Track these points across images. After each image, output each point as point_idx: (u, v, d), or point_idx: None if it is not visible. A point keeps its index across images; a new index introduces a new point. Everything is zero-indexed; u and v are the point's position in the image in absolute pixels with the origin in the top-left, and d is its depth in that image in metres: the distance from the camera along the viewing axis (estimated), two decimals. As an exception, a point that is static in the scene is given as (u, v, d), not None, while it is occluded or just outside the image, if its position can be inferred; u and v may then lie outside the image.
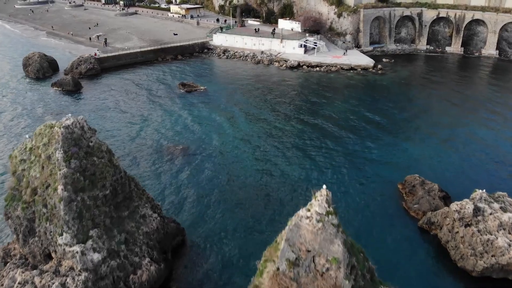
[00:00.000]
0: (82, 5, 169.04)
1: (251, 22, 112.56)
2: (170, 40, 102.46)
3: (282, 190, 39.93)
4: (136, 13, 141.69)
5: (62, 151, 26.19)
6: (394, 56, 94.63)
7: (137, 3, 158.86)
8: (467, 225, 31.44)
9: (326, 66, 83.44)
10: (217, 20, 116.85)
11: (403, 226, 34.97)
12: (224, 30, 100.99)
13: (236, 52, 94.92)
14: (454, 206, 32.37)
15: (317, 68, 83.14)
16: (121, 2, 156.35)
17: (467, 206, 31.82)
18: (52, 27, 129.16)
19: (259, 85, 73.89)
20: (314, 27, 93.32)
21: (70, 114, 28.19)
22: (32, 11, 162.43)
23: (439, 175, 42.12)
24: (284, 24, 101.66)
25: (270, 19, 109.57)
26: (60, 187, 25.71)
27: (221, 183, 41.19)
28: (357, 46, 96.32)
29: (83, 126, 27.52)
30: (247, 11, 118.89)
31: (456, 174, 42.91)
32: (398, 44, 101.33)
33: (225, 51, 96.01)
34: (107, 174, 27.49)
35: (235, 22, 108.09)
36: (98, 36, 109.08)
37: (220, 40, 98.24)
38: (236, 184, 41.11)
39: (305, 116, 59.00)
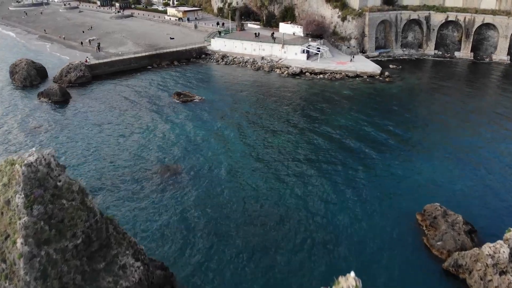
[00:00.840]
0: (77, 7, 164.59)
1: (251, 25, 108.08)
2: (166, 45, 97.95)
3: (285, 223, 35.40)
4: (132, 16, 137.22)
5: (22, 195, 21.66)
6: (401, 61, 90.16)
7: (133, 5, 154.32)
8: (502, 273, 26.97)
9: (330, 73, 78.94)
10: (217, 24, 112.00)
11: (426, 268, 30.45)
12: (222, 34, 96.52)
13: (235, 57, 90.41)
14: (487, 249, 27.88)
15: (321, 76, 78.63)
16: (117, 4, 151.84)
17: (502, 250, 27.38)
18: (44, 30, 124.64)
19: (259, 95, 69.38)
20: (317, 31, 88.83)
21: (34, 148, 23.64)
22: (26, 14, 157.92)
23: (462, 203, 37.63)
24: (285, 28, 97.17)
25: (271, 22, 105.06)
26: (19, 241, 21.20)
27: (219, 214, 36.69)
28: (362, 51, 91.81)
29: (50, 162, 22.97)
30: (247, 14, 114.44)
31: (480, 202, 38.39)
32: (405, 49, 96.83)
33: (223, 56, 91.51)
34: (79, 219, 22.96)
35: (235, 26, 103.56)
36: (90, 41, 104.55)
37: (218, 45, 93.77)
38: (236, 215, 36.61)
39: (308, 132, 54.44)
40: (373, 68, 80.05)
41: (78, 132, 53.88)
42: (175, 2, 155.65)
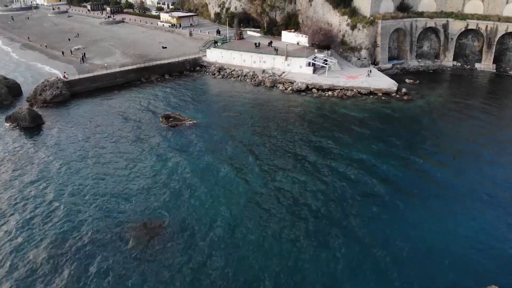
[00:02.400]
0: (66, 12, 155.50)
1: (251, 33, 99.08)
2: (157, 56, 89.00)
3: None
4: (123, 22, 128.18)
5: None
6: (417, 74, 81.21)
7: (125, 10, 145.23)
8: None
9: (340, 89, 69.96)
10: (218, 32, 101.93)
11: None
12: (219, 44, 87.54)
13: (233, 70, 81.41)
14: None
15: (330, 93, 69.62)
16: (108, 9, 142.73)
17: None
18: (28, 37, 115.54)
19: (260, 117, 60.37)
20: (325, 41, 79.85)
21: None
22: (13, 18, 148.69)
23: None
24: (288, 37, 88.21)
25: (272, 30, 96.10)
26: None
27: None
28: (374, 63, 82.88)
29: None
30: (246, 21, 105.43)
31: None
32: (420, 60, 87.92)
33: (220, 69, 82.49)
34: None
35: (234, 34, 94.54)
36: (72, 50, 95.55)
37: (214, 56, 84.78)
38: None
39: (319, 170, 45.44)
40: (389, 84, 71.09)
41: (41, 173, 44.83)
42: (170, 6, 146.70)
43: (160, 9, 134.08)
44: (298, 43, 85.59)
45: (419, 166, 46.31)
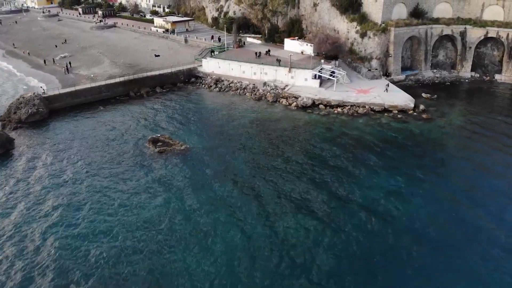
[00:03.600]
0: (57, 15, 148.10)
1: (251, 40, 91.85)
2: (149, 65, 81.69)
3: None
4: (115, 26, 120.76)
5: None
6: (433, 87, 73.92)
7: (118, 13, 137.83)
8: None
9: (351, 106, 62.67)
10: (218, 39, 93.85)
11: None
12: (216, 53, 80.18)
13: (232, 82, 74.13)
14: None
15: (339, 109, 62.30)
16: (99, 12, 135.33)
17: None
18: (13, 44, 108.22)
19: (261, 141, 53.03)
20: (333, 51, 72.48)
21: None
22: (0, 22, 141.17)
23: None
24: (291, 45, 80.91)
25: (274, 37, 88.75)
26: None
27: None
28: (386, 74, 75.63)
29: None
30: (246, 26, 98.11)
31: None
32: (435, 70, 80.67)
33: (217, 81, 75.17)
34: None
35: (232, 42, 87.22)
36: (54, 60, 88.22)
37: (211, 66, 77.43)
38: None
39: (331, 211, 38.20)
40: (405, 99, 63.76)
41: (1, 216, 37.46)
42: (166, 9, 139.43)
43: (154, 13, 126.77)
44: (302, 52, 78.28)
45: (451, 208, 39.03)
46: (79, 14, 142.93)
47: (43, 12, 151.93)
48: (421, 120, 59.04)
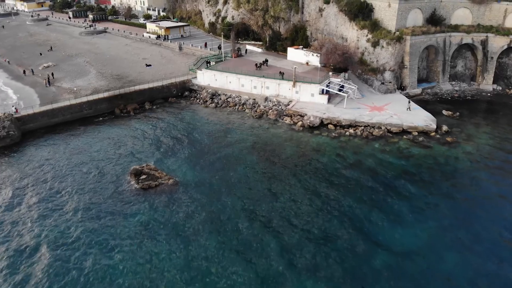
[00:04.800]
0: (46, 19, 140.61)
1: (251, 48, 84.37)
2: (139, 76, 74.35)
3: None
4: (106, 32, 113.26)
5: None
6: (453, 102, 66.49)
7: (110, 17, 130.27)
8: None
9: (364, 126, 55.21)
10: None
11: None
12: (212, 64, 72.66)
13: (229, 97, 66.73)
14: None
15: (351, 130, 54.83)
16: (90, 16, 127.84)
17: None
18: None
19: (262, 171, 45.58)
20: (342, 63, 64.97)
21: None
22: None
23: None
24: (295, 55, 73.45)
25: (276, 45, 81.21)
26: None
27: None
28: (401, 87, 68.21)
29: None
30: (245, 32, 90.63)
31: None
32: (454, 83, 73.25)
33: (213, 95, 67.74)
34: None
35: (230, 50, 79.72)
36: (32, 71, 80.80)
37: (207, 78, 69.94)
38: None
39: (350, 269, 30.76)
40: (425, 119, 56.28)
41: None
42: (162, 13, 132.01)
43: (147, 18, 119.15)
44: (307, 63, 70.82)
45: (497, 269, 31.63)
46: (69, 18, 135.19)
47: (32, 16, 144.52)
48: (446, 144, 51.56)
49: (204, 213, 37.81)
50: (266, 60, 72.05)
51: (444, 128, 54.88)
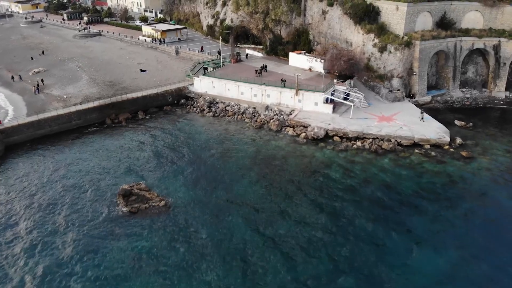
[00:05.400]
0: (40, 21, 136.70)
1: (251, 52, 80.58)
2: (132, 83, 70.67)
3: None
4: (100, 35, 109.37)
5: None
6: (465, 111, 62.69)
7: (105, 19, 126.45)
8: None
9: (373, 139, 51.42)
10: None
11: None
12: (210, 69, 68.88)
13: (228, 105, 62.97)
14: None
15: (358, 143, 51.04)
16: (85, 19, 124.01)
17: None
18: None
19: (265, 189, 41.81)
20: (348, 70, 61.16)
21: None
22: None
23: None
24: (297, 60, 69.72)
25: (277, 49, 77.37)
26: None
27: None
28: (409, 95, 64.47)
29: None
30: (244, 35, 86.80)
31: None
32: (464, 90, 69.52)
33: (211, 103, 63.98)
34: None
35: (229, 55, 75.91)
36: (20, 76, 76.94)
37: (204, 85, 66.16)
38: None
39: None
40: (438, 131, 52.50)
41: None
42: (159, 15, 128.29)
43: (144, 20, 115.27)
44: (310, 69, 67.08)
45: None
46: (63, 20, 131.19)
47: (26, 18, 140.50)
48: (461, 159, 47.78)
49: (196, 244, 34.03)
50: (265, 66, 68.07)
51: (458, 140, 51.12)
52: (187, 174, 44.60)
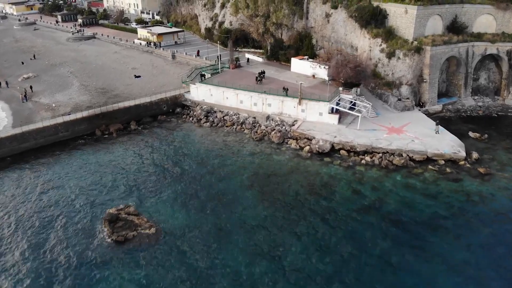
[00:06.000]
0: (34, 23, 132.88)
1: (250, 57, 76.71)
2: (126, 90, 67.19)
3: None
4: (94, 37, 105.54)
5: None
6: (478, 120, 58.97)
7: (100, 21, 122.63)
8: None
9: (383, 153, 47.63)
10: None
11: None
12: (208, 76, 65.11)
13: (227, 115, 59.24)
14: None
15: (368, 158, 47.21)
16: (79, 20, 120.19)
17: None
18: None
19: (266, 208, 38.13)
20: (355, 77, 57.31)
21: None
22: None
23: None
24: (300, 67, 65.97)
25: (278, 54, 73.51)
26: None
27: None
28: (419, 104, 60.71)
29: None
30: (244, 39, 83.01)
31: None
32: (476, 97, 65.73)
33: (208, 112, 60.22)
34: None
35: (228, 60, 72.10)
36: (7, 82, 73.23)
37: (201, 93, 62.39)
38: None
39: None
40: (452, 144, 48.66)
41: None
42: (156, 16, 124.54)
43: (140, 22, 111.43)
44: (314, 76, 63.31)
45: None
46: (56, 22, 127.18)
47: (19, 20, 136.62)
48: (478, 177, 43.94)
49: (192, 278, 30.21)
50: (263, 72, 64.00)
51: (474, 155, 47.33)
52: (181, 194, 40.82)
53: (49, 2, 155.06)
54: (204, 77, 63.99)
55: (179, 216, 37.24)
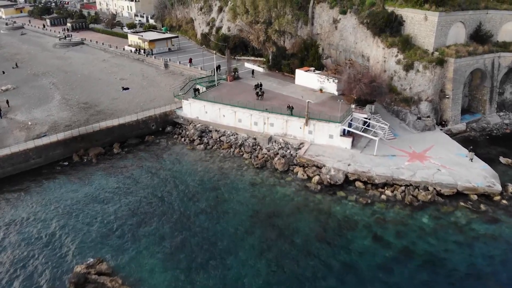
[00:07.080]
0: (22, 27, 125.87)
1: (250, 66, 69.74)
2: (111, 105, 60.54)
3: None
4: (83, 43, 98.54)
5: None
6: (506, 141, 52.15)
7: (91, 25, 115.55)
8: None
9: (405, 186, 40.71)
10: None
11: None
12: (203, 91, 58.13)
13: (223, 135, 52.35)
14: None
15: (388, 192, 40.27)
16: (68, 25, 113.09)
17: None
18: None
19: (269, 260, 31.36)
20: (370, 94, 50.19)
21: None
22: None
23: None
24: (305, 79, 59.01)
25: (281, 64, 66.43)
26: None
27: None
28: (440, 122, 53.82)
29: None
30: (243, 46, 76.02)
31: None
32: (502, 114, 58.94)
33: (203, 132, 53.32)
34: None
35: (225, 71, 65.09)
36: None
37: (194, 110, 55.47)
38: None
39: None
40: (485, 175, 41.62)
41: None
42: (150, 20, 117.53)
43: (131, 27, 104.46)
44: (321, 91, 56.39)
45: None
46: (43, 26, 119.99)
47: (7, 24, 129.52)
48: (520, 216, 37.16)
49: None
50: (260, 85, 56.85)
51: (511, 188, 40.47)
52: (167, 243, 33.88)
53: (39, 5, 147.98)
54: (198, 92, 57.00)
55: (163, 275, 30.33)
